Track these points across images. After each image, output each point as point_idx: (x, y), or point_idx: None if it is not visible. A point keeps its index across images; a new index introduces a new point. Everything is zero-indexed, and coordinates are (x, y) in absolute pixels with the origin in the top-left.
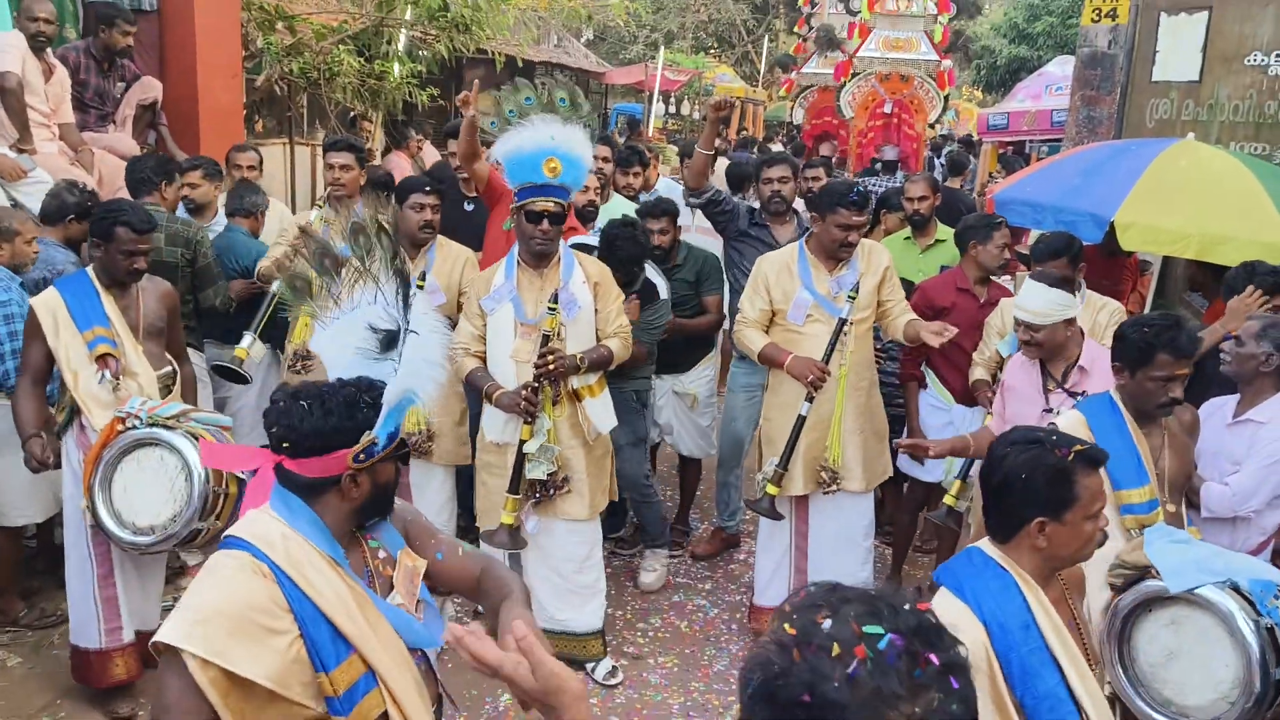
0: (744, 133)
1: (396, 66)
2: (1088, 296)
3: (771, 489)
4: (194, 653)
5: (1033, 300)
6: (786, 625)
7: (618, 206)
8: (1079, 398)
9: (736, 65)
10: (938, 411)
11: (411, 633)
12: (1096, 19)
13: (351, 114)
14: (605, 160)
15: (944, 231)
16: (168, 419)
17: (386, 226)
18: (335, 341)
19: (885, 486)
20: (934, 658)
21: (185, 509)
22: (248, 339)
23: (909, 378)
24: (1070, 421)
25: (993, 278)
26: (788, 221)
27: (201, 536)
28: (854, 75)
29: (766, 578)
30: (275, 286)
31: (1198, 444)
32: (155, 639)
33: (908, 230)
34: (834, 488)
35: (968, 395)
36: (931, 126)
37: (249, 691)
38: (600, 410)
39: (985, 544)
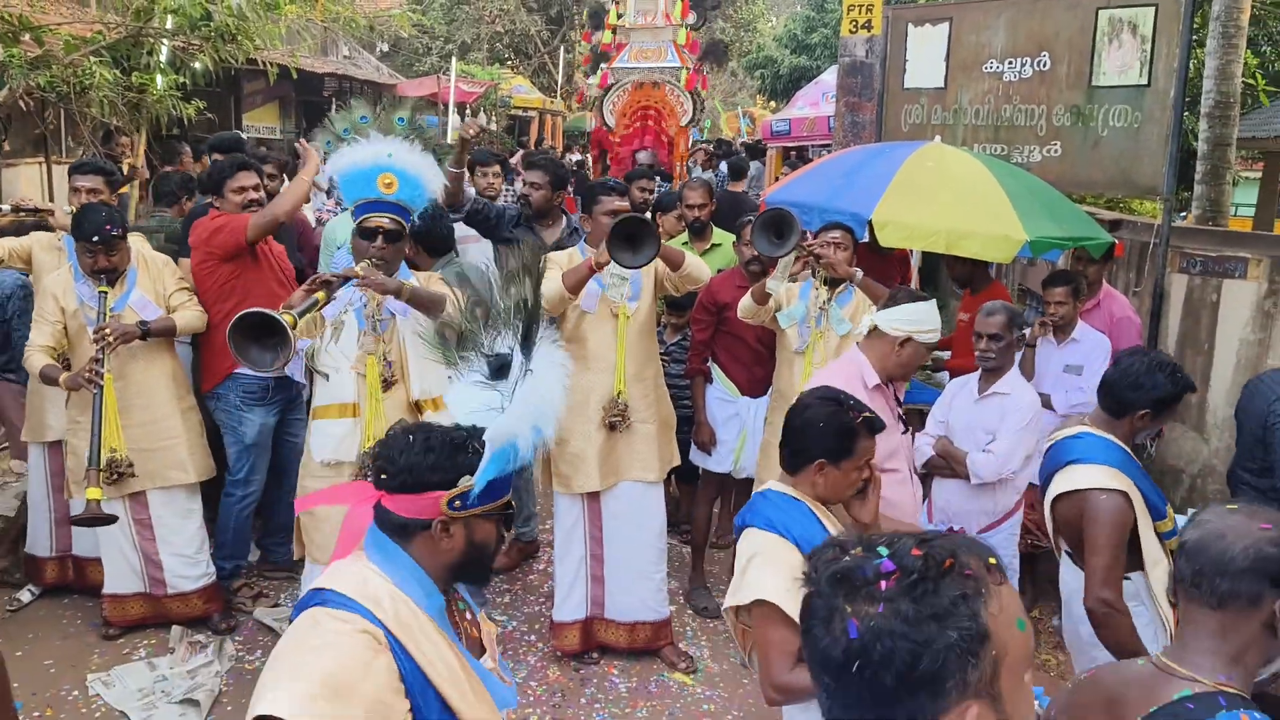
0: (544, 143)
1: (159, 79)
2: (857, 293)
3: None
4: None
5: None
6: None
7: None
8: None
9: (534, 76)
10: (725, 404)
11: (499, 697)
12: (854, 30)
13: (108, 129)
14: None
15: (720, 235)
16: None
17: (534, 272)
18: (466, 394)
19: (680, 484)
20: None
21: None
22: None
23: (695, 372)
24: (1104, 476)
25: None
26: (553, 224)
27: None
28: (612, 86)
29: (566, 588)
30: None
31: (950, 419)
32: (265, 709)
33: (685, 235)
34: (627, 423)
35: (752, 388)
36: (694, 128)
37: None
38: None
39: (775, 484)
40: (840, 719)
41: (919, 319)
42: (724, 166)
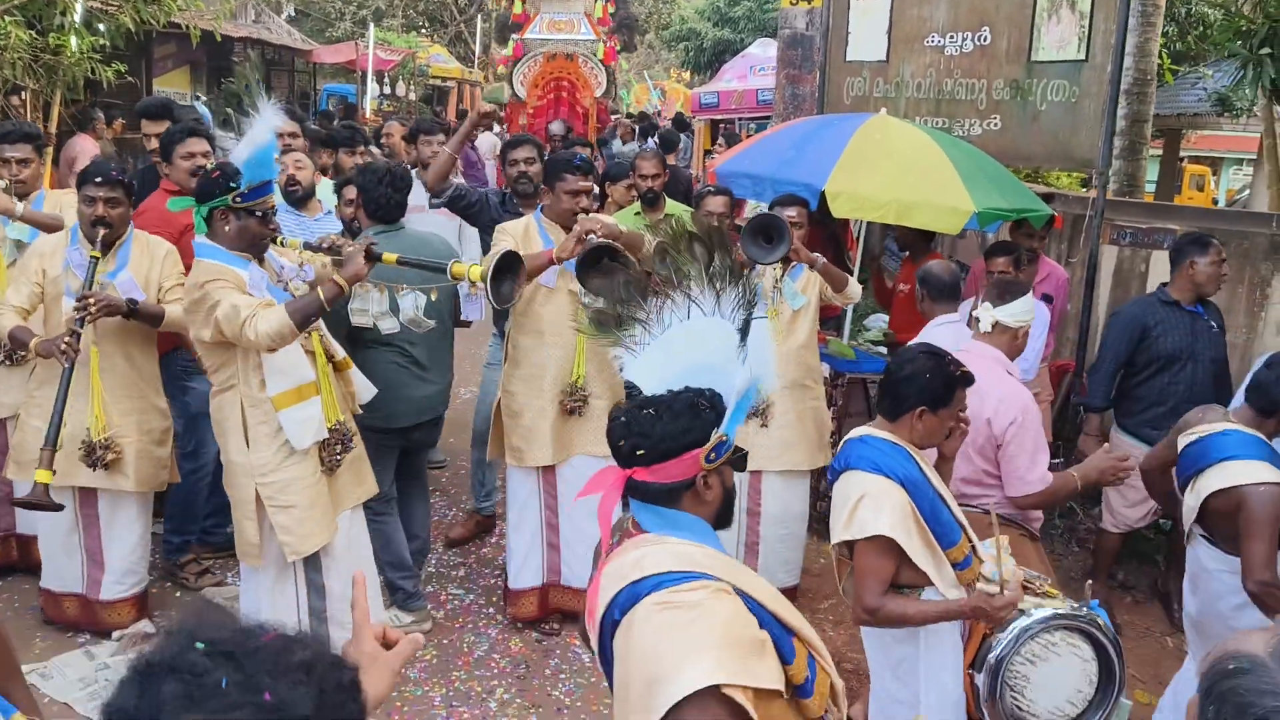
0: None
1: (74, 40)
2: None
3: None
4: (743, 684)
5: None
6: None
7: (326, 189)
8: None
9: (450, 45)
10: None
11: None
12: (794, 2)
13: (6, 90)
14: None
15: (673, 206)
16: None
17: (700, 234)
18: (650, 366)
19: None
20: None
21: None
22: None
23: None
24: (1264, 471)
25: None
26: (538, 202)
27: None
28: (524, 56)
29: (520, 559)
30: None
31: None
32: (687, 690)
33: (638, 205)
34: (586, 407)
35: None
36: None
37: (766, 704)
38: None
39: (871, 430)
40: None
41: (1030, 310)
42: (651, 141)
